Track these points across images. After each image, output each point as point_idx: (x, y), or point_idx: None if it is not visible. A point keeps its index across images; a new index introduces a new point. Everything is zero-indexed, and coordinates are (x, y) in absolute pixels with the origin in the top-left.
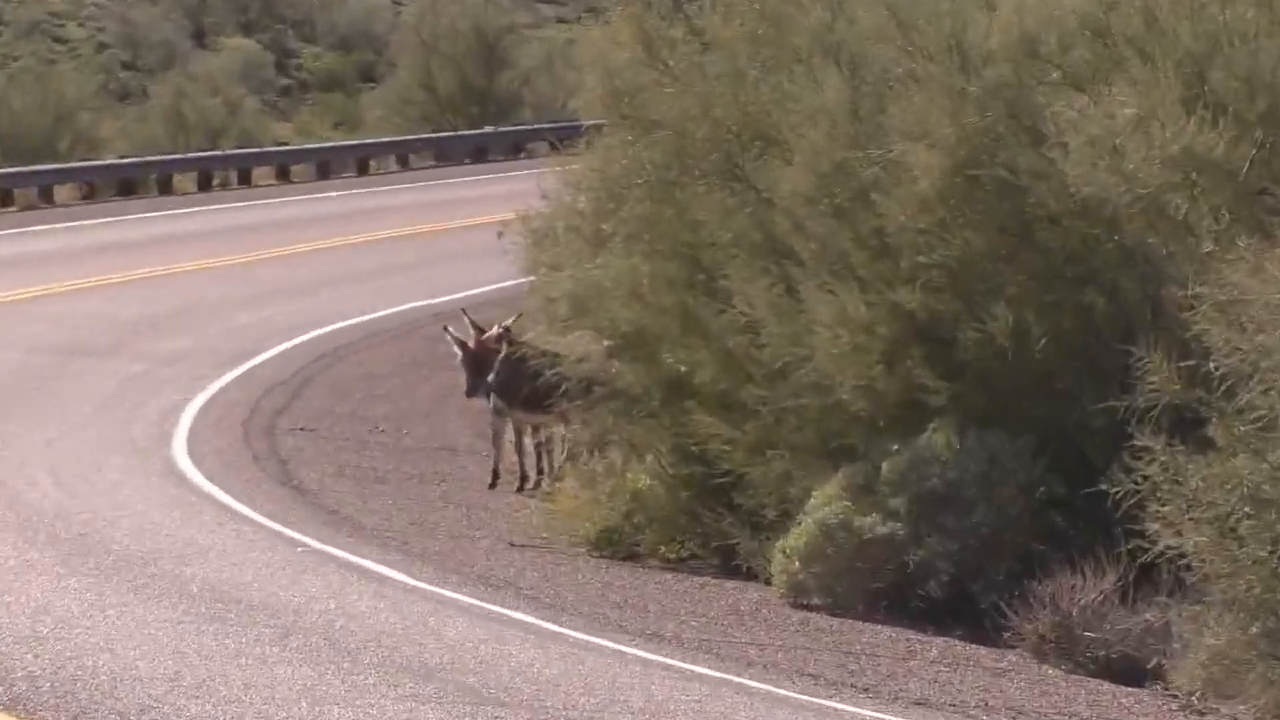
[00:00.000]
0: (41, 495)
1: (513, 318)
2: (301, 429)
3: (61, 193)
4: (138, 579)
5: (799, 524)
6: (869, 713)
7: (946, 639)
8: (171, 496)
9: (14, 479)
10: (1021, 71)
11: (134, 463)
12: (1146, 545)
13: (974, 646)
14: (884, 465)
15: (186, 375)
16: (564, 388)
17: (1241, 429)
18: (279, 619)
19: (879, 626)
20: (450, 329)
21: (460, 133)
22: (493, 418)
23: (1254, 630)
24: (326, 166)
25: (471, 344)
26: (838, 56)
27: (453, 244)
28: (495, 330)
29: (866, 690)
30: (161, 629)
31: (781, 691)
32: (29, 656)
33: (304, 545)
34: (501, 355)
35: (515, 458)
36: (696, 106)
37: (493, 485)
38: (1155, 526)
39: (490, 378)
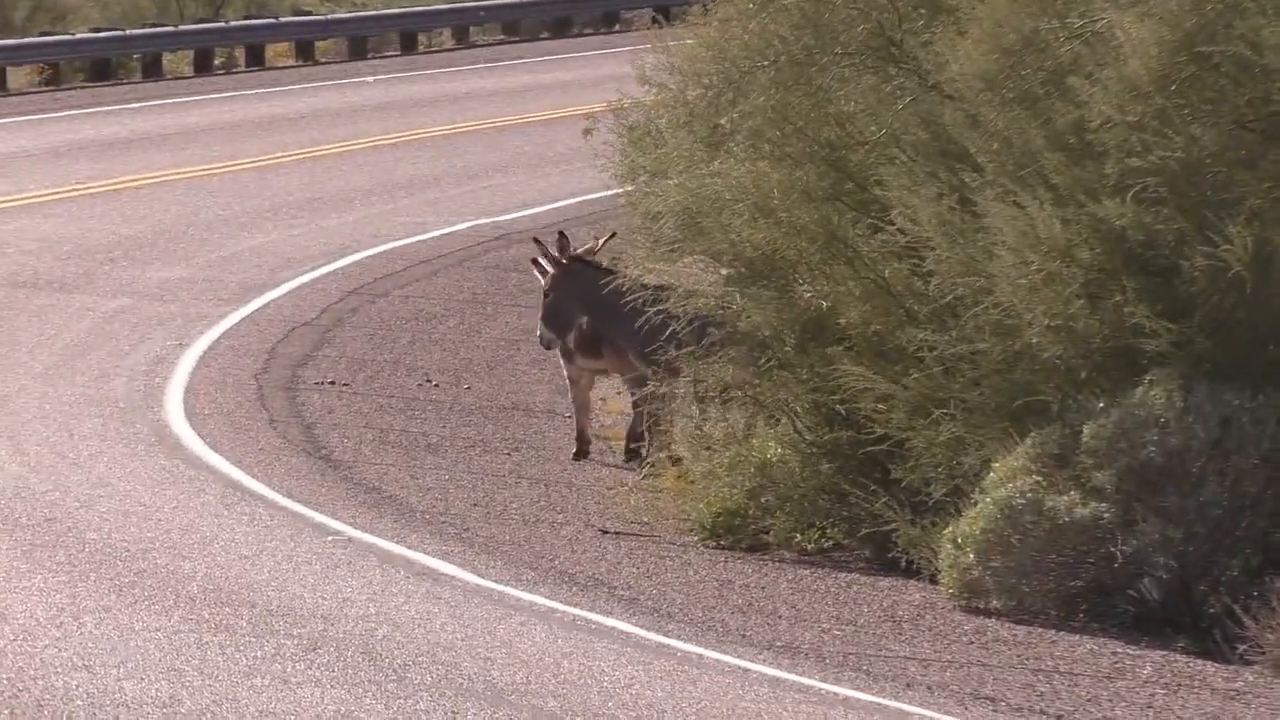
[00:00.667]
0: None
1: (604, 238)
2: (331, 383)
3: (17, 76)
4: (122, 577)
5: (974, 505)
6: None
7: (1164, 653)
8: (164, 470)
9: None
10: None
11: (115, 427)
12: None
13: (1199, 662)
14: (1085, 429)
15: (181, 314)
16: (669, 330)
17: None
18: (304, 628)
19: (1077, 637)
20: (542, 243)
21: None
22: (567, 366)
23: None
24: (362, 43)
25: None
26: None
27: (525, 144)
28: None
29: (1060, 718)
30: (153, 641)
31: None
32: None
33: (336, 533)
34: (554, 273)
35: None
36: None
37: (578, 455)
38: None
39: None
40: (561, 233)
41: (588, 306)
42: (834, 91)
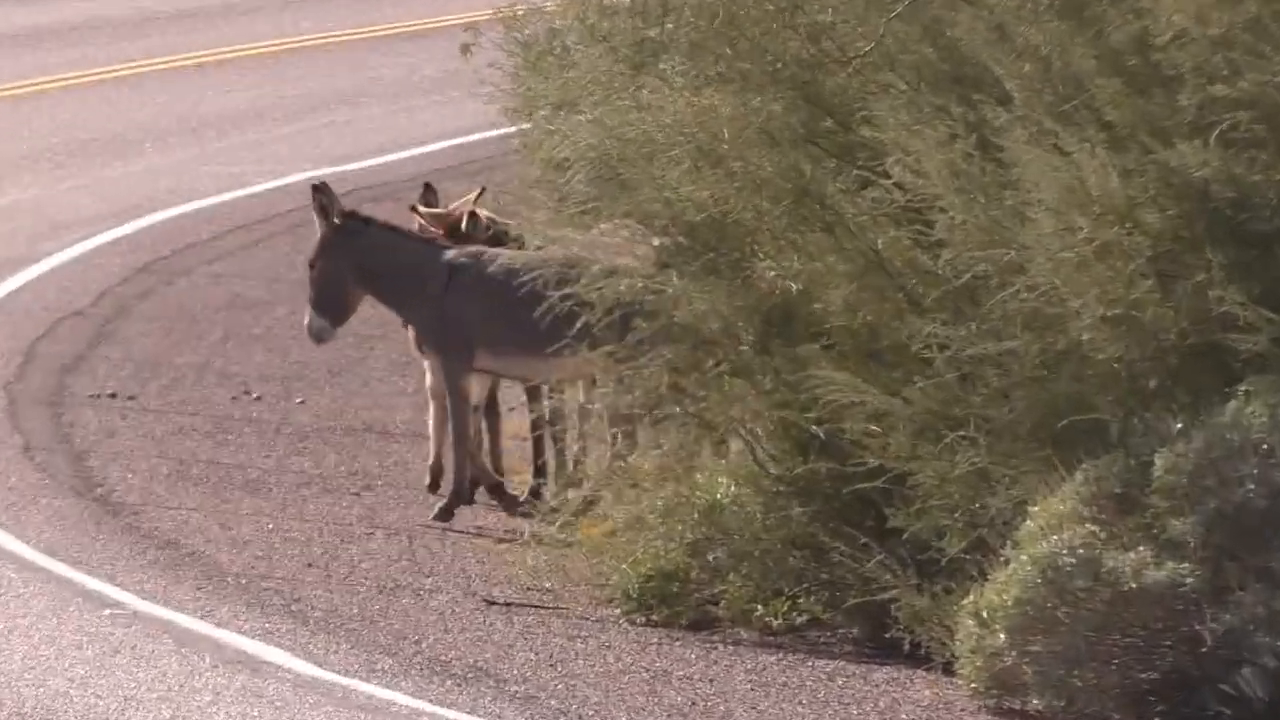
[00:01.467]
0: None
1: (475, 193)
2: (112, 395)
3: None
4: None
5: (1005, 565)
6: None
7: None
8: None
9: None
10: None
11: None
12: None
13: None
14: (1158, 460)
15: None
16: (581, 321)
17: None
18: None
19: None
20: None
21: None
22: (434, 371)
23: None
24: None
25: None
26: None
27: (382, 65)
28: (458, 210)
29: None
30: None
31: None
32: None
33: (116, 604)
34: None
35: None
36: None
37: (451, 507)
38: None
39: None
40: (321, 185)
41: (370, 279)
42: None
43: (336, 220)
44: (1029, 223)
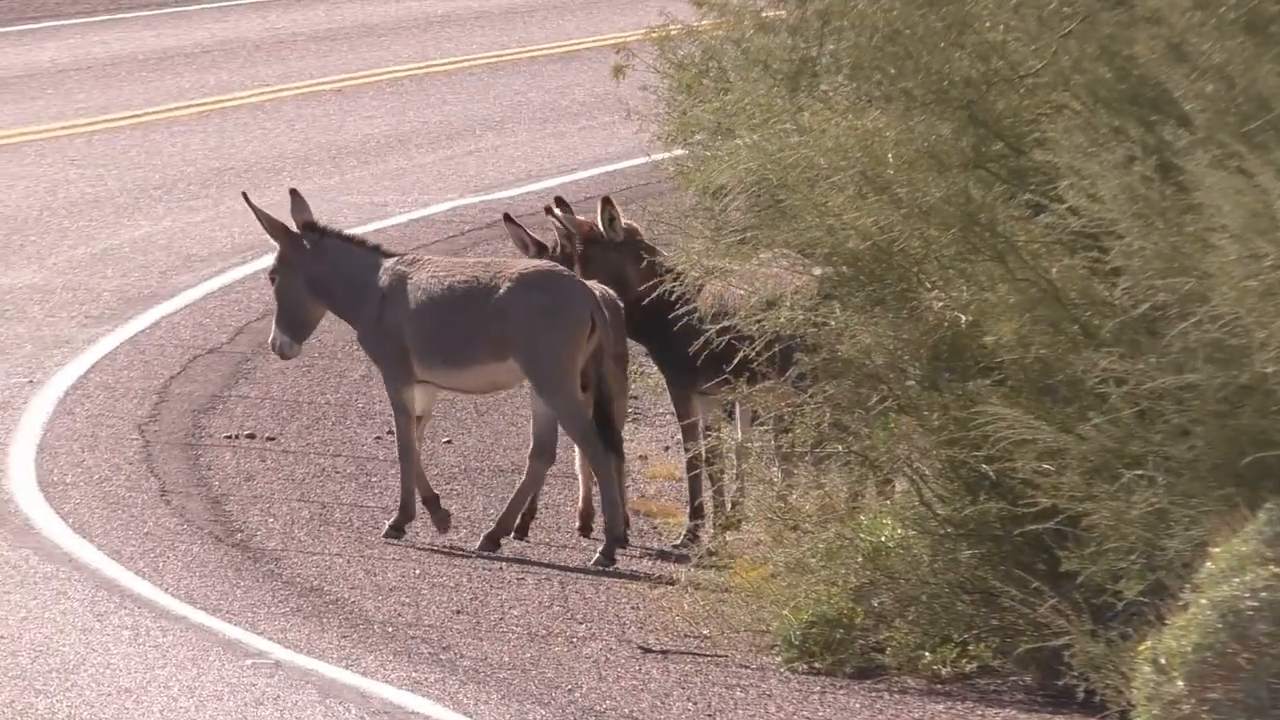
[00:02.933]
0: None
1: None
2: (250, 436)
3: None
4: None
5: (1184, 609)
6: None
7: None
8: (7, 565)
9: None
10: None
11: None
12: None
13: None
14: None
15: (31, 338)
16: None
17: None
18: None
19: None
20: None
21: None
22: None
23: None
24: None
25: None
26: None
27: (529, 89)
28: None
29: None
30: None
31: None
32: None
33: (259, 654)
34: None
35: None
36: None
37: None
38: None
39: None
40: (293, 191)
41: (323, 292)
42: (974, 7)
43: (295, 230)
44: (1211, 249)
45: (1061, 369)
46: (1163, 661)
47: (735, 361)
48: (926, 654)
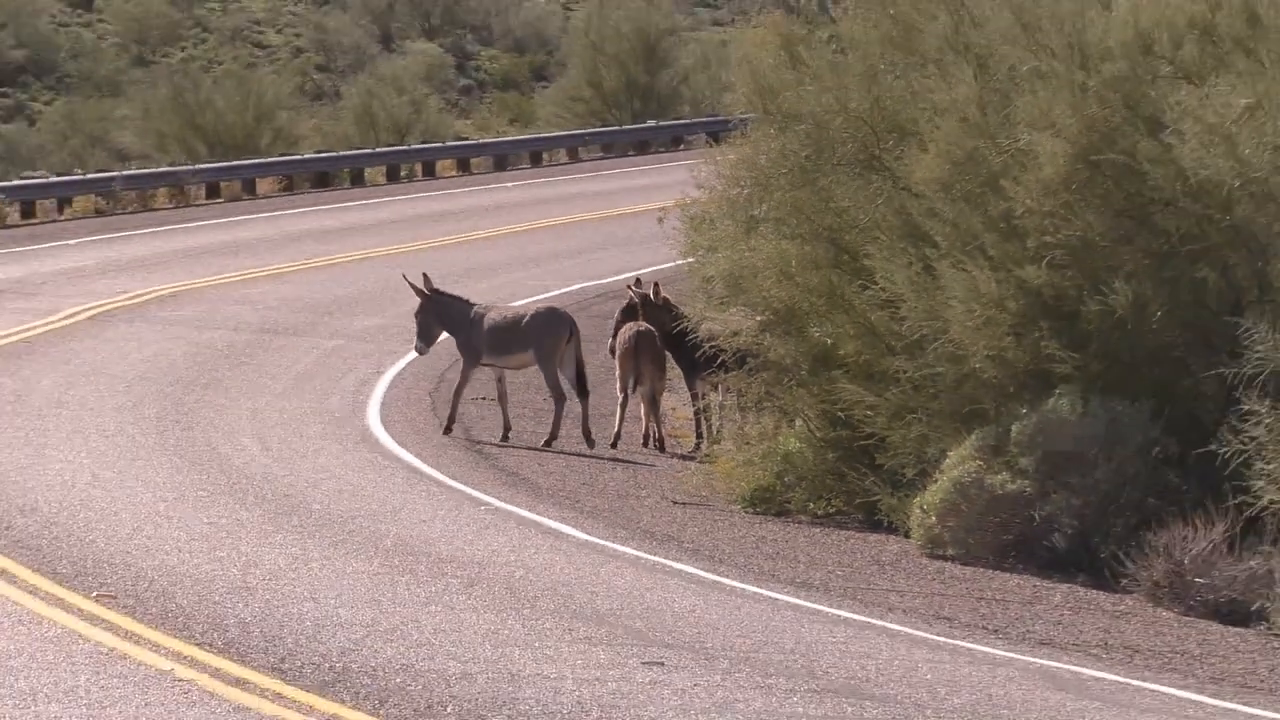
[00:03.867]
0: (249, 460)
1: (652, 287)
2: (482, 399)
3: (262, 185)
4: (337, 535)
5: (935, 482)
6: (999, 652)
7: (1069, 585)
8: (366, 460)
9: (224, 445)
10: (1137, 66)
11: (331, 430)
12: (1252, 500)
13: (1094, 592)
14: (1013, 428)
15: (377, 350)
16: (719, 359)
17: None
18: (465, 570)
19: (1008, 575)
20: (633, 288)
21: (624, 127)
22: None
23: None
24: (503, 159)
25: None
26: (966, 55)
27: (619, 229)
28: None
29: (996, 632)
30: (359, 580)
31: (919, 634)
32: (241, 605)
33: (486, 504)
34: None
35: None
36: (835, 103)
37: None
38: (1260, 483)
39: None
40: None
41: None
42: (833, 191)
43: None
44: (949, 307)
45: (877, 366)
46: (925, 508)
47: (718, 362)
48: (811, 504)
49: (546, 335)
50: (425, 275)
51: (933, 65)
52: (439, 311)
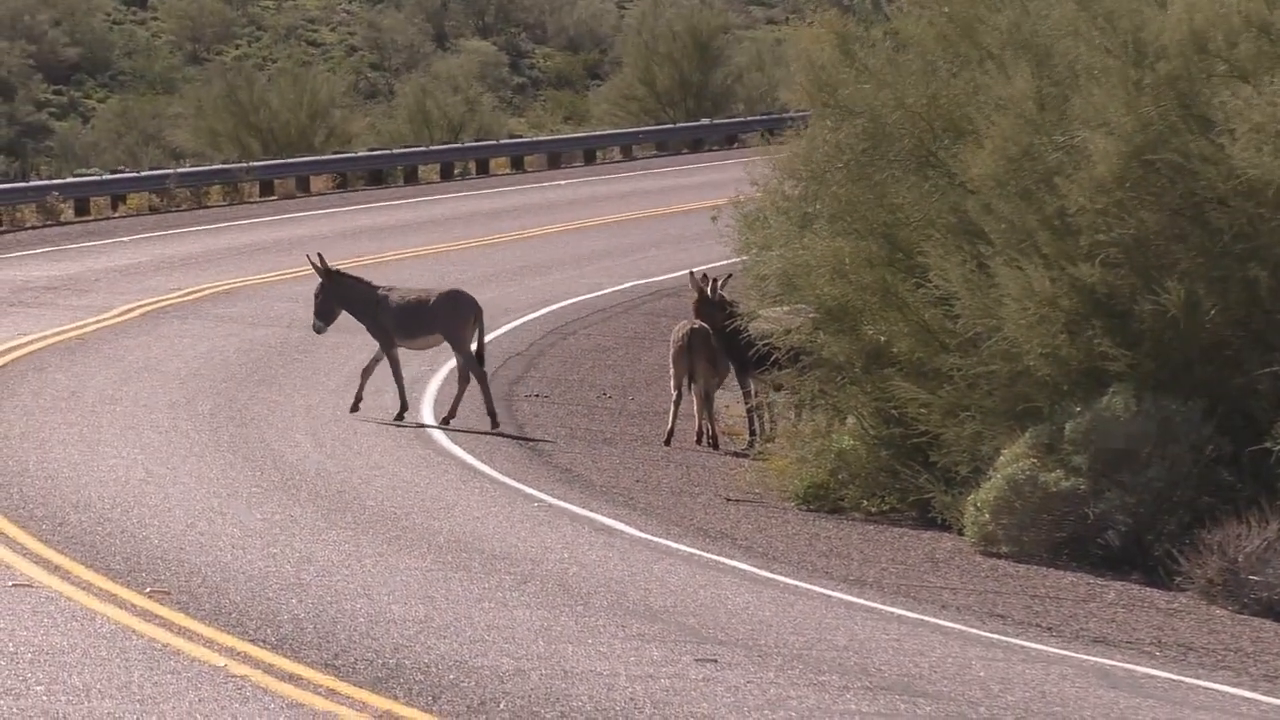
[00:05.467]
0: (303, 456)
1: (715, 279)
2: (536, 396)
3: (317, 183)
4: (391, 531)
5: (989, 480)
6: (1053, 649)
7: (1123, 583)
8: (420, 457)
9: (278, 442)
10: (1192, 65)
11: (386, 426)
12: None
13: (1148, 590)
14: (1067, 426)
15: (431, 348)
16: (773, 357)
17: None
18: (518, 567)
19: (1061, 572)
20: (695, 275)
21: (678, 125)
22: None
23: None
24: (557, 157)
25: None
26: (1026, 51)
27: (672, 227)
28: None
29: (1050, 629)
30: (412, 576)
31: (973, 631)
32: (294, 601)
33: (540, 500)
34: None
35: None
36: (891, 99)
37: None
38: None
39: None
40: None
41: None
42: (888, 187)
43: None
44: (1003, 305)
45: (930, 363)
46: (979, 505)
47: (771, 360)
48: (864, 501)
49: (454, 318)
50: (320, 254)
51: (991, 61)
52: (339, 293)
